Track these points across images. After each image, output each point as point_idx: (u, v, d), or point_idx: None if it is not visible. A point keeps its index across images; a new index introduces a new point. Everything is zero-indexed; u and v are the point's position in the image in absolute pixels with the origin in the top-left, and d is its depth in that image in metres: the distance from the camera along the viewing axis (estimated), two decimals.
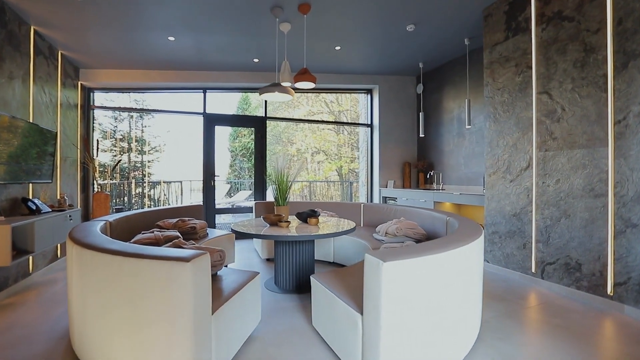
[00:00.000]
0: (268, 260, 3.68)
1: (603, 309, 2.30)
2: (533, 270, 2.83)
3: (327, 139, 11.47)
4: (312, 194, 10.06)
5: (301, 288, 2.66)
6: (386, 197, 5.57)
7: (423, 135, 5.12)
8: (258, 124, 5.11)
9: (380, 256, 1.28)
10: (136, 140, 6.10)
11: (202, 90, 4.86)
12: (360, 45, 4.14)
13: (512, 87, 3.04)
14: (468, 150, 4.67)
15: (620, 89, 2.23)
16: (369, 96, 5.88)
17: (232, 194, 9.72)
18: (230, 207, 8.10)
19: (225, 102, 10.67)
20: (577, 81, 2.51)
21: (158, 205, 6.50)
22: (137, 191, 5.94)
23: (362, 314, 1.38)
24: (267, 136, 5.34)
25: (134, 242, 2.23)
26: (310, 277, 1.94)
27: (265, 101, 5.14)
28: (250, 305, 1.84)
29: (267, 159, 5.41)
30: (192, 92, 4.93)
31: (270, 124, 9.84)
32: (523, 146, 2.93)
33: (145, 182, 6.21)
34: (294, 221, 2.95)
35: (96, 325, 1.41)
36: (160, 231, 2.50)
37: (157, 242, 2.29)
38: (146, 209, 3.19)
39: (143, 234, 2.43)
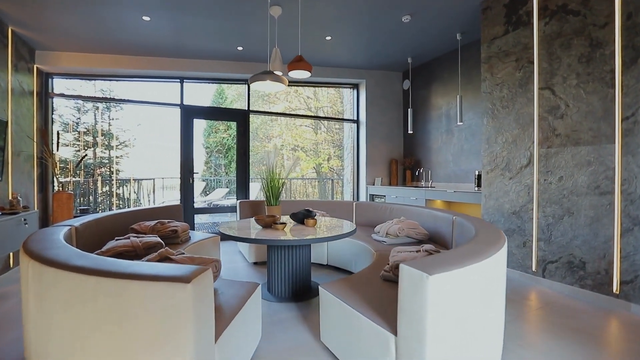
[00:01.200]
0: (256, 264, 3.41)
1: (609, 308, 2.27)
2: (534, 268, 2.78)
3: (305, 137, 11.22)
4: (290, 193, 9.75)
5: (298, 296, 2.44)
6: (373, 195, 5.45)
7: (412, 132, 5.03)
8: (240, 118, 4.78)
9: (422, 268, 1.08)
10: (103, 134, 5.53)
11: (179, 80, 4.45)
12: (352, 35, 3.94)
13: (512, 82, 2.97)
14: (457, 147, 4.64)
15: (629, 85, 2.19)
16: (355, 91, 5.72)
17: (207, 192, 9.24)
18: (209, 206, 7.67)
19: (198, 95, 10.08)
20: (582, 77, 2.46)
21: (128, 206, 5.98)
22: (103, 190, 5.40)
23: (395, 334, 1.19)
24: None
25: (108, 251, 1.89)
26: (319, 287, 1.72)
27: (248, 94, 4.82)
28: (252, 322, 1.59)
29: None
30: (167, 81, 4.51)
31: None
32: (523, 143, 2.88)
33: (113, 180, 5.67)
34: (289, 223, 2.71)
35: None
36: (137, 236, 2.17)
37: (134, 250, 1.97)
38: (119, 210, 2.82)
39: (117, 240, 2.09)
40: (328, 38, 3.92)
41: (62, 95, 4.30)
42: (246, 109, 4.78)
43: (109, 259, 1.18)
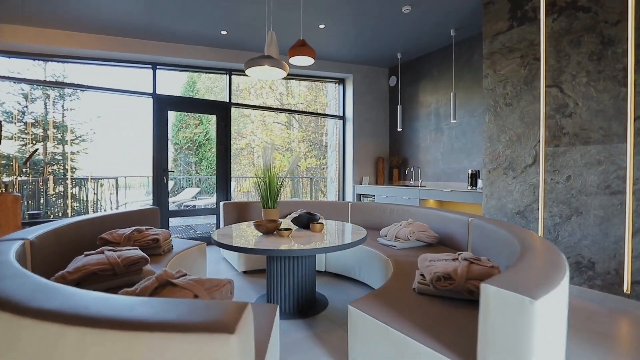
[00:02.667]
0: (246, 273, 3.06)
1: (621, 308, 2.25)
2: None
3: (278, 134, 10.83)
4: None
5: (305, 310, 2.16)
6: (361, 195, 5.28)
7: (401, 130, 4.92)
8: (221, 111, 4.36)
9: (519, 290, 0.87)
10: (55, 127, 4.79)
11: (151, 66, 3.94)
12: (346, 25, 3.70)
13: (516, 79, 2.90)
14: (447, 145, 4.59)
15: None
16: (342, 86, 5.50)
17: (176, 192, 8.58)
18: (179, 207, 7.06)
19: (166, 85, 9.31)
20: (592, 75, 2.43)
21: (85, 208, 5.28)
22: (56, 190, 4.70)
23: None
24: (209, 129, 4.62)
25: (77, 271, 1.49)
26: (349, 305, 1.46)
27: (230, 85, 4.40)
28: (275, 353, 1.30)
29: (212, 155, 4.68)
30: (136, 67, 3.97)
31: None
32: (529, 141, 2.82)
33: (67, 179, 4.96)
34: (291, 227, 2.41)
35: None
36: (113, 249, 1.76)
37: (112, 268, 1.58)
38: (84, 216, 2.34)
39: (88, 255, 1.67)
40: (321, 26, 3.65)
41: (4, 78, 3.61)
42: (227, 101, 4.37)
43: (95, 294, 0.83)
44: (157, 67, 3.96)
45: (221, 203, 3.50)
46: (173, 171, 4.11)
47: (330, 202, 3.79)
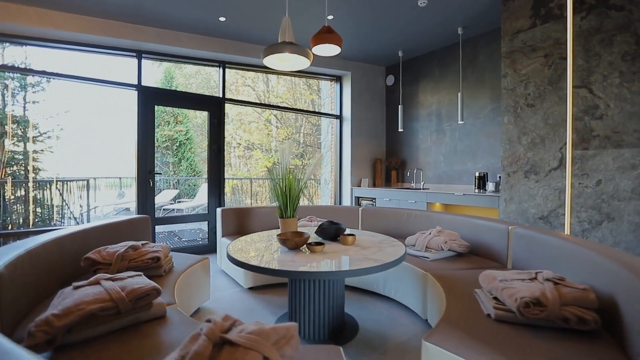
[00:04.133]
0: (251, 289, 2.72)
1: None
2: None
3: (262, 133, 10.37)
4: (239, 194, 8.77)
5: (336, 336, 1.88)
6: (360, 198, 5.05)
7: (402, 130, 4.75)
8: (214, 107, 3.95)
9: None
10: (15, 122, 4.13)
11: (135, 54, 3.47)
12: (355, 17, 3.45)
13: (540, 79, 2.79)
14: (449, 147, 4.48)
15: None
16: (339, 84, 5.25)
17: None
18: (161, 212, 6.50)
19: (144, 79, 8.59)
20: (626, 75, 2.35)
21: (49, 215, 4.68)
22: (16, 194, 4.08)
23: None
24: (190, 128, 4.22)
25: (69, 313, 1.12)
26: (424, 341, 1.21)
27: (224, 78, 4.00)
28: None
29: (193, 155, 4.29)
30: (117, 54, 3.47)
31: (190, 113, 8.27)
32: (553, 144, 2.72)
33: (29, 182, 4.34)
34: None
35: None
36: (111, 279, 1.39)
37: (116, 306, 1.22)
38: (62, 230, 1.90)
39: (79, 288, 1.29)
40: (330, 17, 3.37)
41: None
42: (221, 96, 3.97)
43: None
44: (143, 55, 3.49)
45: (219, 210, 3.12)
46: (160, 173, 3.66)
47: (340, 207, 3.53)
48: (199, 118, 8.97)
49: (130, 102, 3.46)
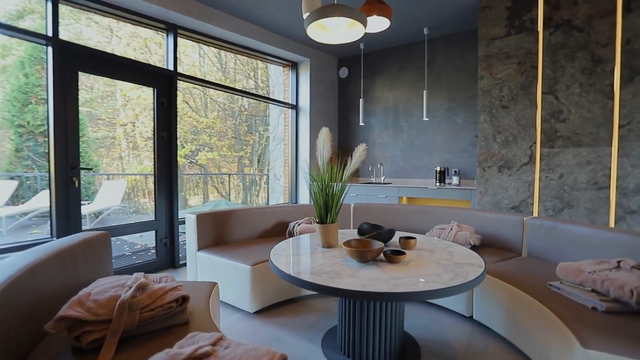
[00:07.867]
0: (257, 313, 2.22)
1: None
2: None
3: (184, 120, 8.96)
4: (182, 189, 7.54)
5: (401, 358, 1.67)
6: None
7: (363, 124, 4.73)
8: (162, 82, 3.06)
9: None
10: None
11: None
12: None
13: (513, 84, 3.13)
14: (406, 143, 4.70)
15: (626, 99, 2.65)
16: (295, 71, 4.87)
17: (23, 198, 5.97)
18: (30, 220, 4.85)
19: (58, 26, 6.13)
20: (584, 87, 2.82)
21: None
22: None
23: None
24: (100, 112, 3.31)
25: None
26: (586, 351, 1.13)
27: (175, 46, 3.13)
28: None
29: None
30: None
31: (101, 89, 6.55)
32: (524, 142, 3.09)
33: None
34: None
35: None
36: None
37: None
38: (11, 269, 1.08)
39: None
40: None
41: None
42: (172, 69, 3.11)
43: None
44: (60, 2, 2.40)
45: (191, 216, 2.44)
46: (91, 168, 2.67)
47: None
48: (95, 90, 7.03)
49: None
